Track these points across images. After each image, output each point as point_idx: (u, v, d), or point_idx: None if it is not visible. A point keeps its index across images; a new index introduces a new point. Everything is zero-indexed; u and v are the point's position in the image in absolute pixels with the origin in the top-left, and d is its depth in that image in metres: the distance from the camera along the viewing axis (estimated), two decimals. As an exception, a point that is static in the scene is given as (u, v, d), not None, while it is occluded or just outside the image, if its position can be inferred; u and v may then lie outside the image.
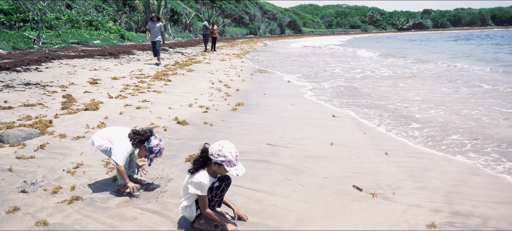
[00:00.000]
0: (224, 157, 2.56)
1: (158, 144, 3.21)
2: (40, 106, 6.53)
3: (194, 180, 2.62)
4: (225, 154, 2.56)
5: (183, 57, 18.06)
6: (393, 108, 7.31)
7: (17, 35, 16.59)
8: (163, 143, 3.27)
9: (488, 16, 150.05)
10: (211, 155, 2.59)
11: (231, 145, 2.61)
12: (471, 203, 3.29)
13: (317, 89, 9.81)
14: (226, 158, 2.56)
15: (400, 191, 3.50)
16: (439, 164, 4.25)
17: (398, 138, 5.33)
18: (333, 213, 3.07)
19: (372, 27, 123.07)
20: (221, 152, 2.56)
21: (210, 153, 2.60)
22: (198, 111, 6.70)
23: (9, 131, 4.67)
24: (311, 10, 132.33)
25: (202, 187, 2.61)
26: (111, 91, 8.33)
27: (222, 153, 2.56)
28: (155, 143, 3.20)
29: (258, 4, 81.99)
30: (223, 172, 2.64)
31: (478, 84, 10.15)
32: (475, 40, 40.08)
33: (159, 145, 3.21)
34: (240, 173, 2.58)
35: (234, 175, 2.56)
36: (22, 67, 9.97)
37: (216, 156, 2.57)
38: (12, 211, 2.96)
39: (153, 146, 3.19)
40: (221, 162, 2.56)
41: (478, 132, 5.56)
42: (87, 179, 3.61)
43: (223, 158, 2.56)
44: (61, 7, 25.87)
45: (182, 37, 38.78)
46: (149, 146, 3.20)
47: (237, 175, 2.56)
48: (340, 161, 4.27)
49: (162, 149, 3.24)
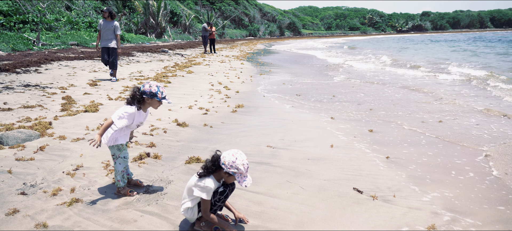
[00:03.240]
0: (237, 169, 2.57)
1: (150, 85, 3.13)
2: (39, 107, 6.52)
3: (201, 184, 2.63)
4: (238, 167, 2.57)
5: (183, 59, 18.06)
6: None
7: (16, 37, 16.57)
8: (154, 83, 3.17)
9: (487, 18, 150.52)
10: (223, 165, 2.59)
11: (244, 156, 2.62)
12: (472, 205, 3.29)
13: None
14: (238, 171, 2.57)
15: (400, 193, 3.50)
16: (439, 168, 4.25)
17: (397, 141, 5.32)
18: (333, 216, 3.06)
19: (371, 29, 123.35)
20: (235, 164, 2.57)
21: (222, 162, 2.60)
22: (198, 113, 6.70)
23: (9, 132, 4.65)
24: (311, 12, 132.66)
25: (208, 191, 2.62)
26: (111, 92, 8.32)
27: (235, 165, 2.57)
28: (147, 87, 3.11)
29: (257, 6, 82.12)
30: (231, 181, 2.66)
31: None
32: (495, 43, 37.38)
33: (151, 85, 3.12)
34: (248, 185, 2.61)
35: (242, 186, 2.57)
36: (22, 69, 9.96)
37: (229, 167, 2.58)
38: (11, 213, 2.94)
39: (147, 90, 3.10)
40: (233, 173, 2.58)
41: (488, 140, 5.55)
42: (87, 181, 3.60)
43: (236, 170, 2.57)
44: (61, 8, 25.87)
45: (181, 38, 38.78)
46: (149, 92, 3.10)
47: (246, 186, 2.59)
48: (340, 163, 4.27)
49: (157, 86, 3.14)
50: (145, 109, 3.26)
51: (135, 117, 3.19)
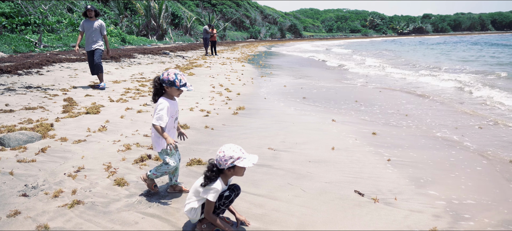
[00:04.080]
0: (231, 157, 2.57)
1: (168, 73, 3.06)
2: (41, 109, 6.53)
3: (209, 185, 2.63)
4: (230, 155, 2.57)
5: (184, 61, 18.09)
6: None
7: (18, 38, 16.64)
8: (173, 71, 3.09)
9: (488, 20, 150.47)
10: (220, 165, 2.60)
11: (231, 145, 2.63)
12: (474, 208, 3.28)
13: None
14: (233, 157, 2.57)
15: (401, 196, 3.50)
16: (440, 170, 4.24)
17: (398, 142, 5.32)
18: (335, 218, 3.06)
19: (372, 31, 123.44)
20: (226, 155, 2.58)
21: (218, 164, 2.61)
22: (199, 115, 6.70)
23: (10, 134, 4.67)
24: (312, 14, 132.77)
25: (215, 193, 2.62)
26: (112, 94, 8.33)
27: (227, 156, 2.57)
28: (165, 75, 3.05)
29: (258, 8, 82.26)
30: (241, 172, 2.65)
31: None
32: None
33: (169, 73, 3.06)
34: (255, 161, 2.60)
35: (250, 165, 2.57)
36: (24, 70, 9.99)
37: (224, 162, 2.58)
38: (13, 215, 2.95)
39: (165, 78, 3.05)
40: (231, 164, 2.57)
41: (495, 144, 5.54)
42: (88, 183, 3.60)
43: (231, 159, 2.57)
44: (63, 10, 25.95)
45: (183, 40, 38.86)
46: (167, 80, 3.04)
47: (253, 164, 2.58)
48: (341, 166, 4.26)
49: (175, 73, 3.06)
50: (171, 97, 3.18)
51: (170, 109, 3.11)
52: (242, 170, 2.65)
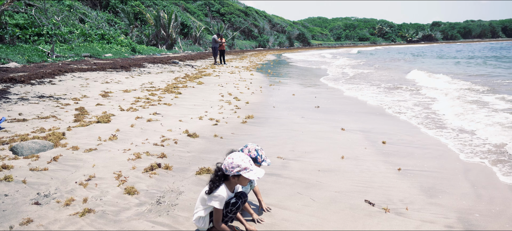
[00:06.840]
0: (238, 166, 2.58)
1: (249, 149, 2.82)
2: (53, 118, 6.63)
3: (214, 193, 2.64)
4: (238, 163, 2.58)
5: (193, 70, 18.24)
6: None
7: (31, 49, 16.99)
8: (249, 146, 2.84)
9: (499, 28, 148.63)
10: (226, 171, 2.60)
11: (241, 154, 2.64)
12: (487, 219, 3.22)
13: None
14: (240, 167, 2.58)
15: (413, 206, 3.45)
16: (453, 181, 4.18)
17: (409, 152, 5.26)
18: (345, 229, 3.03)
19: (381, 39, 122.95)
20: (234, 163, 2.58)
21: (224, 168, 2.61)
22: (208, 124, 6.73)
23: (23, 143, 4.75)
24: (320, 23, 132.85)
25: (220, 200, 2.63)
26: (123, 103, 8.43)
27: (235, 164, 2.58)
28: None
29: (267, 17, 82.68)
30: (245, 182, 2.65)
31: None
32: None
33: (249, 149, 2.82)
34: (260, 175, 2.60)
35: (255, 178, 2.57)
36: (36, 80, 10.18)
37: (231, 169, 2.59)
38: (25, 223, 2.99)
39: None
40: (237, 173, 2.58)
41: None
42: (99, 192, 3.63)
43: (238, 168, 2.57)
44: (74, 21, 26.48)
45: (192, 50, 39.23)
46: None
47: (258, 178, 2.59)
48: (351, 175, 4.23)
49: (256, 148, 2.84)
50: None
51: None
52: (247, 181, 2.67)
